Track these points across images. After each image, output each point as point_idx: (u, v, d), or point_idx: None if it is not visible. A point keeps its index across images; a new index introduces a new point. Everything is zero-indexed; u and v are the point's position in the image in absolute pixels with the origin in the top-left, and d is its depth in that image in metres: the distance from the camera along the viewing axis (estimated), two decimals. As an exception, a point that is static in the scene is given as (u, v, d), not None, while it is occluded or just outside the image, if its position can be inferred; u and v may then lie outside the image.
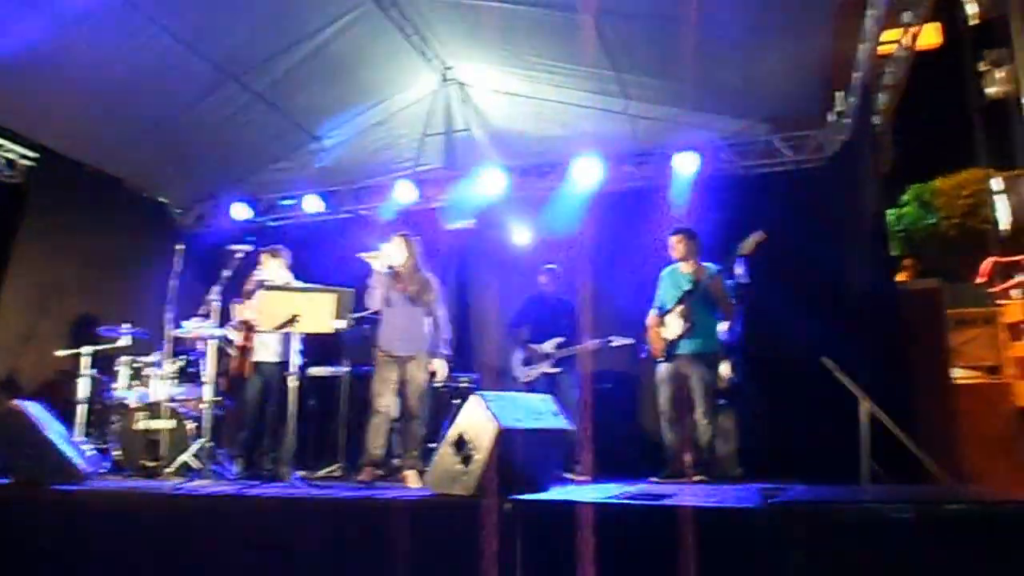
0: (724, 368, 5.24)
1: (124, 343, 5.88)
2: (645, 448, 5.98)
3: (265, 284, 5.21)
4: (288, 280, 5.55)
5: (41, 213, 6.75)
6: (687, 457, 4.98)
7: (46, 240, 6.75)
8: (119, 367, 5.78)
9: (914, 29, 5.07)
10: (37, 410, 4.50)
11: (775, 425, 5.67)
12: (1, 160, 6.67)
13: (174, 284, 5.52)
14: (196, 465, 5.12)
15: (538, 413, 3.93)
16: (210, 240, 7.13)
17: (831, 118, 6.39)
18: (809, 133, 6.64)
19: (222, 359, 5.65)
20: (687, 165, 6.62)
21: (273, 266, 5.58)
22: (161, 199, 8.16)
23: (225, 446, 5.70)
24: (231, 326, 5.63)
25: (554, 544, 2.95)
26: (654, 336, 5.32)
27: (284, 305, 4.58)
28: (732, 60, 5.64)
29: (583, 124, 6.79)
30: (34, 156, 6.78)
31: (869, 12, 5.02)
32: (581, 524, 2.89)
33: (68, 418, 5.24)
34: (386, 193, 7.55)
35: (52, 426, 4.50)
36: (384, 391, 4.80)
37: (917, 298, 5.25)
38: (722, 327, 5.22)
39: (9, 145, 6.66)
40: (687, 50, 5.19)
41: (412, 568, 3.11)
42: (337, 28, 5.93)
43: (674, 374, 5.17)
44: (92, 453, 5.37)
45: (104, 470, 5.35)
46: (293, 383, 4.60)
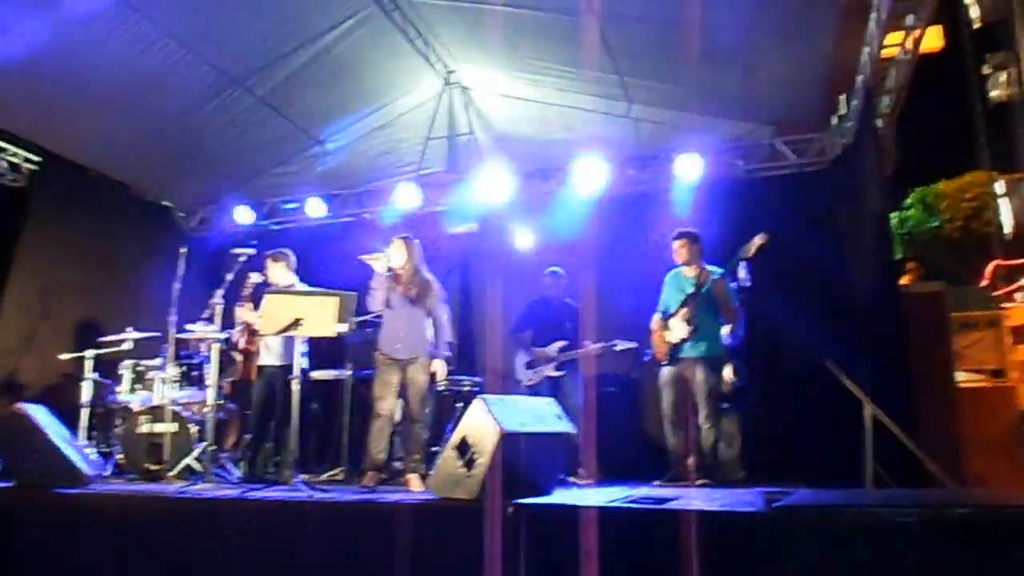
0: (727, 372, 5.23)
1: (127, 346, 5.90)
2: (648, 452, 5.99)
3: (268, 288, 5.21)
4: (293, 284, 5.55)
5: (44, 217, 6.78)
6: (690, 461, 4.98)
7: (49, 243, 6.77)
8: (122, 370, 5.81)
9: (917, 32, 5.06)
10: (40, 414, 4.52)
11: (778, 428, 5.64)
12: (4, 164, 6.70)
13: (177, 287, 5.52)
14: (199, 468, 5.12)
15: (541, 417, 3.93)
16: (213, 243, 7.16)
17: (834, 121, 6.40)
18: (812, 136, 6.65)
19: (225, 362, 5.65)
20: (690, 168, 6.60)
21: (278, 270, 5.55)
22: (164, 203, 8.17)
23: (228, 449, 5.71)
24: (235, 331, 5.64)
25: (557, 548, 2.95)
26: (658, 340, 5.32)
27: (287, 309, 4.57)
28: (735, 63, 5.64)
29: (586, 128, 6.78)
30: (37, 160, 6.82)
31: (872, 15, 5.04)
32: (584, 528, 2.89)
33: (71, 421, 5.26)
34: (389, 197, 7.53)
35: (55, 429, 4.52)
36: (386, 394, 4.79)
37: (920, 301, 5.22)
38: (725, 331, 5.20)
39: (12, 149, 6.70)
40: (690, 54, 5.19)
41: (415, 572, 3.11)
42: (340, 32, 5.94)
43: (677, 378, 5.17)
44: (95, 456, 5.40)
45: (107, 473, 5.38)
46: (296, 386, 4.60)
